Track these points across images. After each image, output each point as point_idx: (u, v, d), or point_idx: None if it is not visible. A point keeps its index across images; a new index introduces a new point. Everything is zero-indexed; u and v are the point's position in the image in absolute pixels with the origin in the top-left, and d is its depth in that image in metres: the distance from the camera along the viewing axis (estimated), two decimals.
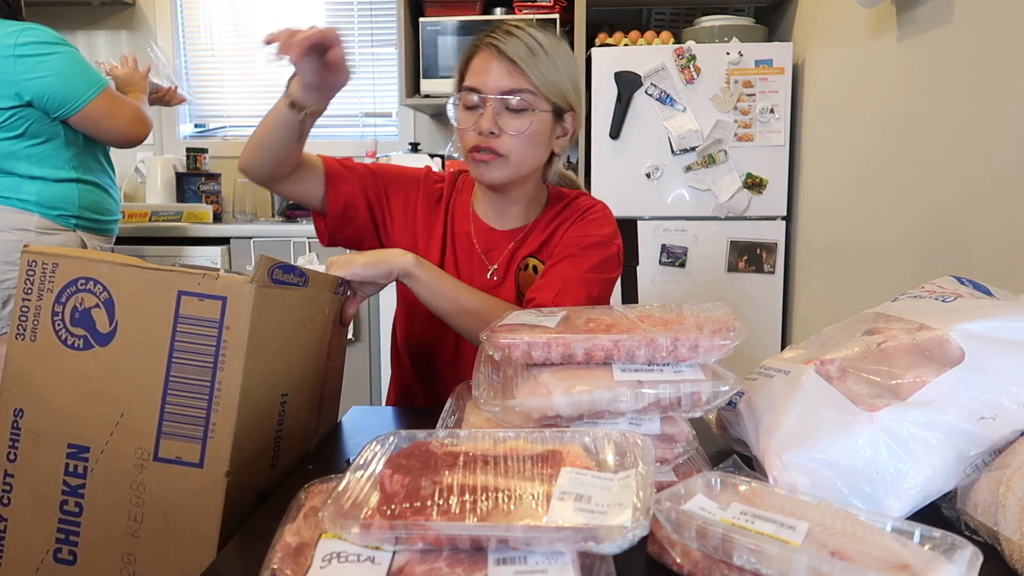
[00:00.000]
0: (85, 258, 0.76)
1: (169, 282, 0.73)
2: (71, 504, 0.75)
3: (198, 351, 0.73)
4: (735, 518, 0.56)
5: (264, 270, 0.73)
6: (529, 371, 0.74)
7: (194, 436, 0.73)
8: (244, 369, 0.72)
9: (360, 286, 0.96)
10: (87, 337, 0.75)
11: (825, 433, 0.67)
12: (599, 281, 1.13)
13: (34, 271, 0.77)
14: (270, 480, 0.82)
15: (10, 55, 1.68)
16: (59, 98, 1.75)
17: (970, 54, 1.52)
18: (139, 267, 0.75)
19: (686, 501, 0.59)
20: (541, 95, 1.07)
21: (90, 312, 0.75)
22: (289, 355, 0.82)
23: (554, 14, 2.63)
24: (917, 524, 0.56)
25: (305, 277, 0.81)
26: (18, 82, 1.70)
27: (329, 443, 0.95)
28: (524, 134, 1.07)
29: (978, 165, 1.49)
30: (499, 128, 1.07)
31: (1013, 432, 0.67)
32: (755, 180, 2.48)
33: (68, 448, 0.75)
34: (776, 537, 0.53)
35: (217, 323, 0.72)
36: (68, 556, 0.76)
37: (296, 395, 0.84)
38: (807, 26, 2.49)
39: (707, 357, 0.72)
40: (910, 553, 0.52)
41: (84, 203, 1.87)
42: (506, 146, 1.08)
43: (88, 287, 0.75)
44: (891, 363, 0.70)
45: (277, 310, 0.77)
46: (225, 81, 3.25)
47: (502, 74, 1.06)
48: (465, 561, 0.52)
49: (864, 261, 2.02)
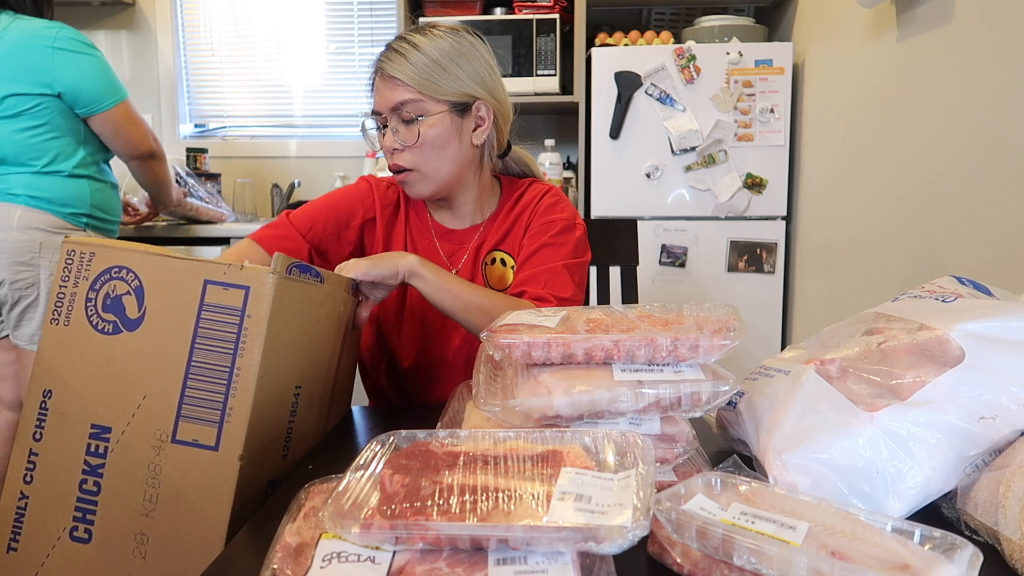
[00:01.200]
0: (120, 248, 0.81)
1: (197, 271, 0.78)
2: (90, 483, 0.78)
3: (220, 337, 0.77)
4: (735, 518, 0.56)
5: (283, 267, 0.77)
6: (529, 371, 0.74)
7: (211, 420, 0.76)
8: (262, 356, 0.76)
9: (371, 290, 0.98)
10: (116, 322, 0.79)
11: (825, 433, 0.67)
12: (579, 267, 1.17)
13: (72, 260, 0.81)
14: (280, 470, 0.84)
15: (49, 46, 1.76)
16: (89, 96, 1.81)
17: (970, 54, 1.52)
18: (170, 257, 0.80)
19: (686, 501, 0.59)
20: (429, 98, 1.08)
21: (121, 299, 0.79)
22: (304, 348, 0.85)
23: (554, 14, 2.63)
24: (917, 524, 0.56)
25: (321, 276, 0.86)
26: (53, 72, 1.76)
27: (329, 443, 0.95)
28: (422, 142, 1.09)
29: (978, 165, 1.49)
30: (401, 143, 1.10)
31: (1013, 432, 0.67)
32: (755, 180, 2.48)
33: (91, 428, 0.79)
34: (776, 537, 0.53)
35: (239, 311, 0.76)
36: (84, 535, 0.78)
37: (309, 390, 0.87)
38: (807, 26, 2.49)
39: (707, 357, 0.72)
40: (910, 553, 0.52)
41: (95, 201, 1.91)
42: (411, 159, 1.10)
43: (121, 275, 0.80)
44: (891, 363, 0.70)
45: (296, 302, 0.80)
46: (225, 81, 3.25)
47: (387, 91, 1.09)
48: (465, 561, 0.52)
49: (864, 261, 2.02)
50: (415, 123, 1.08)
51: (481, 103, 1.13)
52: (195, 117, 3.29)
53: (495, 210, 1.23)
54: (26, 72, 1.75)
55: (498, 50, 2.64)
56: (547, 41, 2.61)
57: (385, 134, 1.11)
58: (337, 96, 3.22)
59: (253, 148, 3.23)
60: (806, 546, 0.52)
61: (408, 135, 1.09)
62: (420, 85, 1.08)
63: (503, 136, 1.20)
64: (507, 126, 1.20)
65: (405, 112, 1.08)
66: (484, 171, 1.20)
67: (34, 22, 1.80)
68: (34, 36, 1.76)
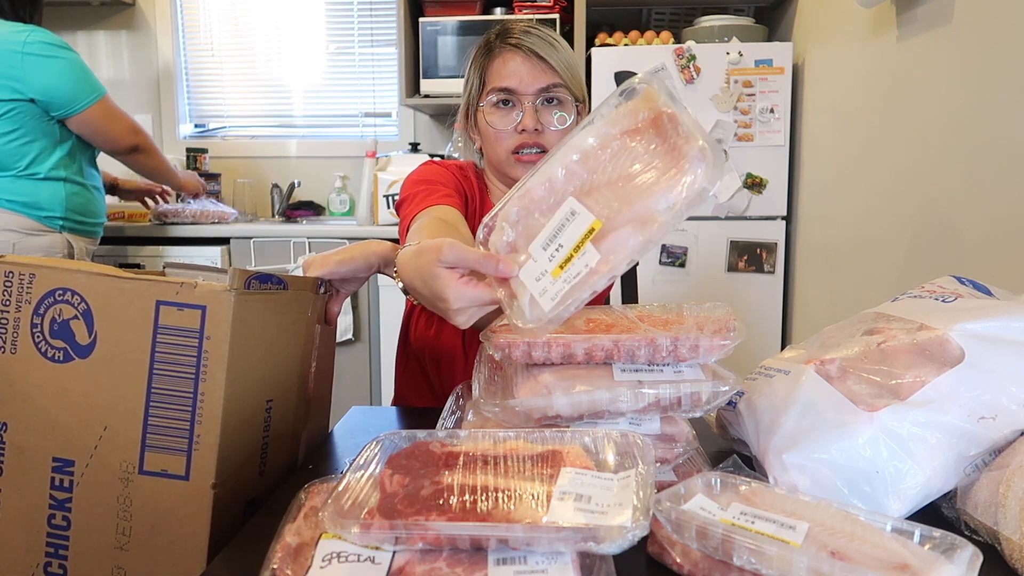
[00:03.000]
0: (62, 268, 0.75)
1: (147, 292, 0.72)
2: (58, 518, 0.74)
3: (179, 362, 0.71)
4: (735, 518, 0.56)
5: (240, 282, 0.72)
6: (529, 371, 0.74)
7: (179, 448, 0.71)
8: (227, 379, 0.71)
9: (341, 283, 0.95)
10: (67, 349, 0.74)
11: (825, 433, 0.67)
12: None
13: (11, 282, 0.75)
14: (258, 487, 0.81)
15: (19, 52, 1.74)
16: (63, 98, 1.81)
17: (970, 54, 1.52)
18: (116, 276, 0.73)
19: (686, 501, 0.59)
20: (569, 88, 1.14)
21: (69, 324, 0.74)
22: (272, 360, 0.80)
23: (554, 14, 2.63)
24: (917, 524, 0.56)
25: (284, 283, 0.80)
26: (23, 79, 1.75)
27: (329, 443, 0.95)
28: (567, 127, 1.13)
29: (978, 165, 1.49)
30: (555, 125, 1.13)
31: (1013, 432, 0.67)
32: (755, 180, 2.48)
33: (53, 462, 0.74)
34: (776, 537, 0.53)
35: (197, 333, 0.71)
36: (58, 570, 0.75)
37: (282, 400, 0.83)
38: (807, 26, 2.49)
39: (707, 357, 0.72)
40: (910, 553, 0.52)
41: (71, 204, 1.90)
42: (553, 141, 1.13)
43: (66, 298, 0.74)
44: (891, 363, 0.70)
45: (258, 315, 0.75)
46: (225, 81, 3.25)
47: (536, 72, 1.12)
48: (465, 561, 0.52)
49: (864, 261, 2.02)
50: (564, 105, 1.13)
51: (583, 106, 1.18)
52: (195, 117, 3.29)
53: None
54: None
55: None
56: None
57: (526, 113, 1.13)
58: (337, 96, 3.22)
59: (253, 148, 3.23)
60: (806, 546, 0.52)
61: (558, 117, 1.13)
62: (568, 76, 1.14)
63: None
64: None
65: (555, 94, 1.13)
66: None
67: (5, 27, 1.79)
68: (3, 42, 1.75)
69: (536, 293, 0.64)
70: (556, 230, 0.64)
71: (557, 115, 1.13)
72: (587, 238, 0.63)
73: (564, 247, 0.63)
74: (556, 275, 0.63)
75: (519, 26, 1.15)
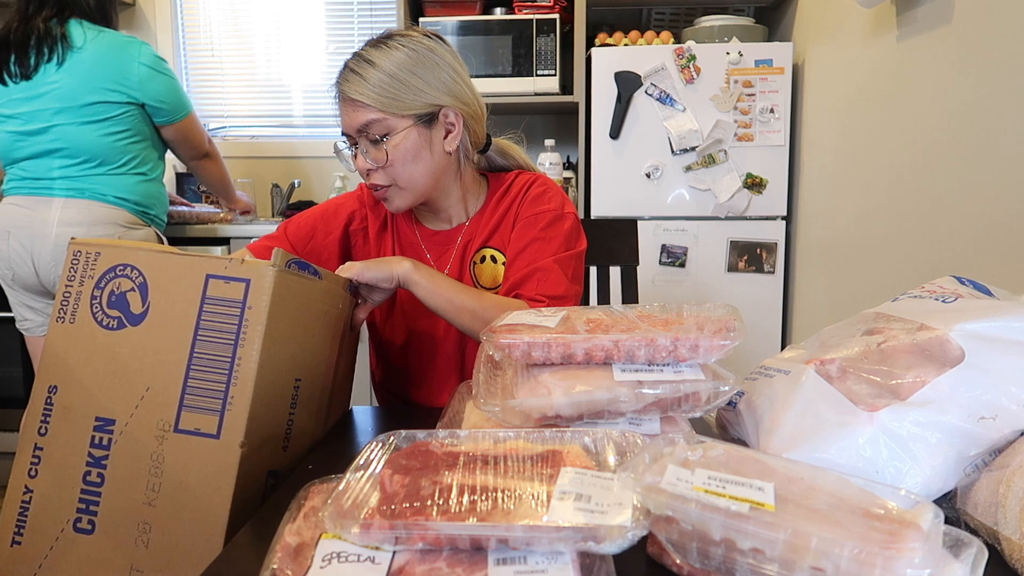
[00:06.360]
0: (125, 247, 0.84)
1: (199, 266, 0.81)
2: (93, 475, 0.80)
3: (221, 329, 0.79)
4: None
5: (282, 261, 0.80)
6: (529, 371, 0.74)
7: (213, 409, 0.78)
8: (262, 345, 0.78)
9: (369, 293, 1.01)
10: (121, 318, 0.82)
11: (825, 433, 0.67)
12: (572, 259, 1.14)
13: (78, 260, 0.84)
14: (281, 461, 0.85)
15: (136, 61, 1.97)
16: (169, 108, 2.05)
17: (970, 54, 1.52)
18: (173, 253, 0.82)
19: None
20: (392, 115, 1.06)
21: (125, 295, 0.82)
22: (303, 341, 0.87)
23: (554, 14, 2.63)
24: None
25: (319, 273, 0.88)
26: (140, 88, 1.98)
27: (329, 443, 0.95)
28: (392, 160, 1.08)
29: (978, 165, 1.49)
30: (372, 163, 1.09)
31: (1013, 432, 0.67)
32: (755, 180, 2.48)
33: (95, 421, 0.81)
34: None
35: (240, 303, 0.79)
36: (87, 525, 0.80)
37: (308, 383, 0.89)
38: (807, 26, 2.49)
39: (707, 357, 0.72)
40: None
41: (161, 202, 2.14)
42: (385, 177, 1.10)
43: (126, 272, 0.83)
44: (891, 363, 0.70)
45: (294, 295, 0.83)
46: (225, 81, 3.25)
47: (351, 114, 1.08)
48: (465, 561, 0.52)
49: (864, 261, 2.02)
50: (382, 142, 1.07)
51: (447, 110, 1.11)
52: None
53: (480, 208, 1.22)
54: (114, 82, 1.93)
55: (498, 50, 2.65)
56: (547, 41, 2.61)
57: (356, 155, 1.11)
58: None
59: (253, 148, 3.23)
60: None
61: (378, 155, 1.08)
62: (381, 104, 1.05)
63: (478, 135, 1.18)
64: (480, 124, 1.17)
65: (371, 133, 1.07)
66: (465, 172, 1.19)
67: (118, 36, 2.00)
68: (120, 49, 1.96)
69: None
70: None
71: (385, 148, 1.07)
72: None
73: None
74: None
75: (350, 61, 1.09)
